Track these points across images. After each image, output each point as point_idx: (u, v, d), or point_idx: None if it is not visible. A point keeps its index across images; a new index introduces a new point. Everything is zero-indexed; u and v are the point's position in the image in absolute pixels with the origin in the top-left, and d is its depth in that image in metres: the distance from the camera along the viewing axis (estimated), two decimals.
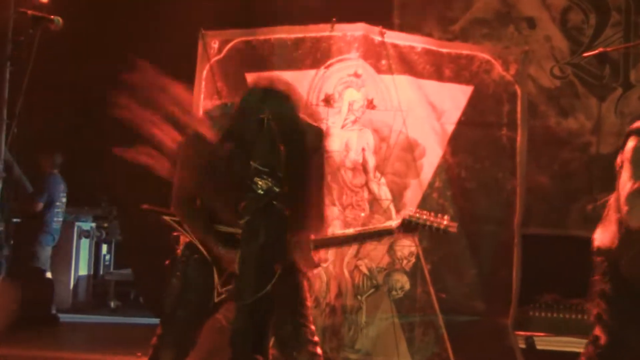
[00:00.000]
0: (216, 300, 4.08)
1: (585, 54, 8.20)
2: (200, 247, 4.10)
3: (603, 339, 4.07)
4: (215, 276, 4.07)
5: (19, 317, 7.98)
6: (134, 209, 6.62)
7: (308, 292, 4.25)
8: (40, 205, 9.65)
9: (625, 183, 3.96)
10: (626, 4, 8.68)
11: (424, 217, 4.14)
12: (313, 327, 4.17)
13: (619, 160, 4.15)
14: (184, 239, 4.31)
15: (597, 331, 4.13)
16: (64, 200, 9.71)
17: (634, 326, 4.04)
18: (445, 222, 4.16)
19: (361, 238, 4.88)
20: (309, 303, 4.23)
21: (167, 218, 4.31)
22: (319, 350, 4.13)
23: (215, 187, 4.02)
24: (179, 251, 4.32)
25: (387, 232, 4.42)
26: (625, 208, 3.92)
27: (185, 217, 4.15)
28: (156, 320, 8.22)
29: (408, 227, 4.12)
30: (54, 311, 9.29)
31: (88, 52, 9.31)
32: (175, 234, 4.44)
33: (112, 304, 11.20)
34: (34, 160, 9.90)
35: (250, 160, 3.61)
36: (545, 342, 6.28)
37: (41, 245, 9.48)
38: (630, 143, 4.01)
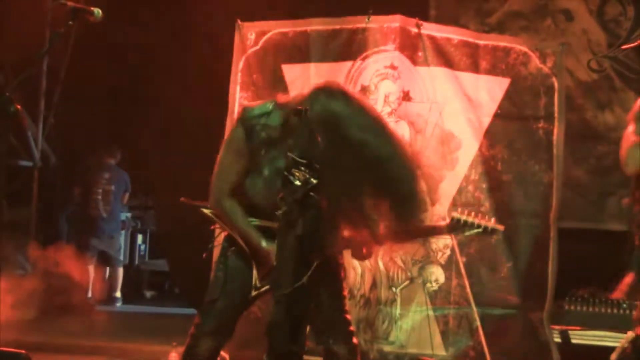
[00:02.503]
0: (253, 294, 4.10)
1: (624, 47, 8.17)
2: (240, 240, 4.11)
3: None
4: (254, 270, 4.08)
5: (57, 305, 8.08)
6: (169, 199, 6.69)
7: (344, 283, 4.26)
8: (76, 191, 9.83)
9: (628, 136, 4.38)
10: None
11: (473, 217, 4.13)
12: (350, 317, 4.18)
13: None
14: (221, 232, 4.32)
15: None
16: (109, 188, 9.82)
17: None
18: (492, 223, 4.14)
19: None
20: (346, 293, 4.24)
21: (205, 211, 4.32)
22: (355, 341, 4.15)
23: (255, 181, 4.03)
24: (216, 244, 4.33)
25: (436, 231, 4.41)
26: (624, 157, 4.34)
27: (224, 210, 4.15)
28: (191, 310, 8.30)
29: (457, 226, 4.11)
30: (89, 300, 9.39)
31: (125, 43, 9.35)
32: (213, 227, 4.45)
33: (148, 294, 11.29)
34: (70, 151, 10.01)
35: (288, 152, 3.62)
36: (580, 336, 6.24)
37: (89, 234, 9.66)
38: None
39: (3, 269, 4.36)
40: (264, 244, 4.02)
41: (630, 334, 4.26)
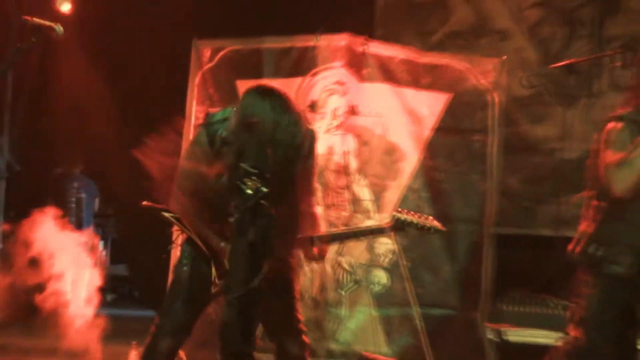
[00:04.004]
0: (213, 292, 4.09)
1: (554, 65, 8.28)
2: (199, 242, 4.11)
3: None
4: (213, 270, 4.08)
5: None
6: (128, 207, 6.64)
7: (297, 285, 4.27)
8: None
9: (604, 160, 4.01)
10: (592, 18, 8.74)
11: (414, 216, 4.16)
12: (301, 317, 4.20)
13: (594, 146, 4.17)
14: (180, 235, 4.31)
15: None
16: (80, 196, 9.74)
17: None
18: (433, 222, 4.18)
19: (358, 235, 4.88)
20: (297, 295, 4.26)
21: (166, 215, 4.31)
22: (306, 339, 4.17)
23: (211, 188, 4.04)
24: (177, 246, 4.32)
25: (380, 231, 4.44)
26: (608, 180, 3.97)
27: (184, 213, 4.16)
28: (150, 313, 8.23)
29: (398, 225, 4.14)
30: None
31: (88, 58, 9.33)
32: (173, 230, 4.43)
33: (108, 297, 11.17)
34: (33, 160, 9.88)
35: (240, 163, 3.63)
36: (515, 334, 6.30)
37: None
38: (608, 127, 4.05)
39: None
40: (222, 243, 4.02)
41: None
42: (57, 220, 8.08)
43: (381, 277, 5.99)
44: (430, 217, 4.21)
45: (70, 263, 9.56)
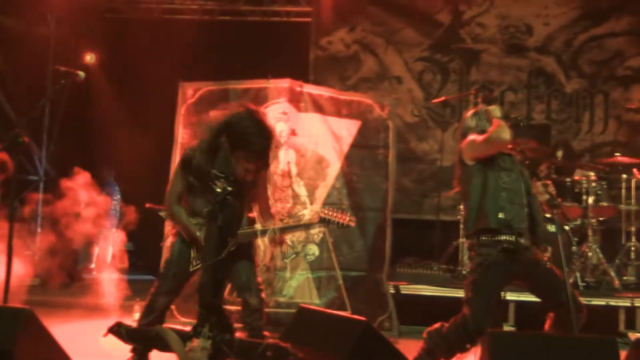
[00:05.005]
0: (192, 269, 4.09)
1: (433, 101, 8.44)
2: (183, 232, 4.10)
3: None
4: (193, 253, 4.08)
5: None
6: (136, 204, 6.63)
7: (257, 257, 4.27)
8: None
9: (477, 138, 4.14)
10: (459, 68, 8.90)
11: (334, 214, 4.17)
12: (260, 279, 4.19)
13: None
14: (172, 228, 4.31)
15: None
16: (117, 197, 9.50)
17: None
18: (347, 219, 4.19)
19: (297, 228, 4.87)
20: (257, 263, 4.27)
21: (162, 214, 4.30)
22: (263, 295, 4.17)
23: (194, 192, 4.04)
24: (171, 235, 4.33)
25: (310, 226, 4.46)
26: (489, 142, 4.02)
27: (173, 212, 4.14)
28: (149, 277, 8.11)
29: (323, 221, 4.17)
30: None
31: (105, 94, 9.30)
32: (166, 223, 4.40)
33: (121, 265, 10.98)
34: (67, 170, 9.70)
35: (212, 169, 3.63)
36: (407, 288, 6.38)
37: None
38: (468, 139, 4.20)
39: (14, 249, 4.20)
40: (199, 234, 4.00)
41: None
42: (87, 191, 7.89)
43: (314, 249, 6.00)
44: (348, 214, 4.24)
45: (97, 237, 9.37)
